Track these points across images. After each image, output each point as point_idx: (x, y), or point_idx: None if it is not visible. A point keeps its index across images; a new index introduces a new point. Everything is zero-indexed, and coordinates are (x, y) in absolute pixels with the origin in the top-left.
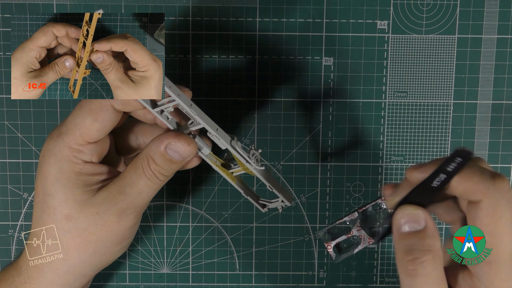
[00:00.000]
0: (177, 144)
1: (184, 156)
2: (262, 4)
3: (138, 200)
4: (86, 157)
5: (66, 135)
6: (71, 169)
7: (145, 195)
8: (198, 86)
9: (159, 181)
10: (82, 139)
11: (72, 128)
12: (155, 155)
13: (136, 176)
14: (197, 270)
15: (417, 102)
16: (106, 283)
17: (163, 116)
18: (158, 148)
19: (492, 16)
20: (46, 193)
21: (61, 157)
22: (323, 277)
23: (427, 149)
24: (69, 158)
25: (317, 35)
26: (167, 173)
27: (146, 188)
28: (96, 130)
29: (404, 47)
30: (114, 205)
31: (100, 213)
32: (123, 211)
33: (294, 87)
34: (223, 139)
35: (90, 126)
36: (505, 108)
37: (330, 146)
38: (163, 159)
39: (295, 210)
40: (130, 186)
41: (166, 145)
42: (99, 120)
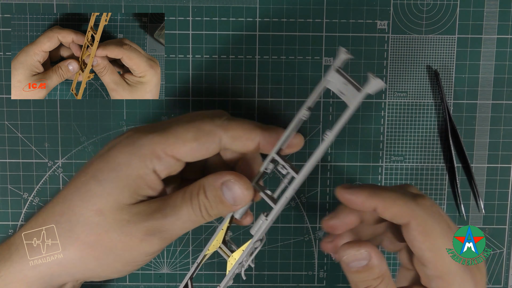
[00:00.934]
0: (236, 185)
1: (236, 201)
2: (262, 4)
3: (172, 226)
4: (159, 167)
5: (159, 135)
6: (137, 169)
7: (181, 225)
8: (198, 86)
9: (201, 217)
10: (171, 150)
11: (168, 133)
12: (209, 187)
13: (181, 201)
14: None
15: (417, 102)
16: (106, 283)
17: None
18: (214, 181)
19: (492, 16)
20: (96, 177)
21: (138, 152)
22: (323, 277)
23: (427, 149)
24: (145, 157)
25: (317, 35)
26: (212, 212)
27: (186, 217)
28: (190, 149)
29: (404, 47)
30: (147, 222)
31: (130, 222)
32: (152, 232)
33: (294, 87)
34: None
35: (187, 142)
36: (505, 108)
37: (330, 146)
38: (215, 194)
39: (295, 210)
40: (172, 209)
41: (225, 181)
42: (200, 142)
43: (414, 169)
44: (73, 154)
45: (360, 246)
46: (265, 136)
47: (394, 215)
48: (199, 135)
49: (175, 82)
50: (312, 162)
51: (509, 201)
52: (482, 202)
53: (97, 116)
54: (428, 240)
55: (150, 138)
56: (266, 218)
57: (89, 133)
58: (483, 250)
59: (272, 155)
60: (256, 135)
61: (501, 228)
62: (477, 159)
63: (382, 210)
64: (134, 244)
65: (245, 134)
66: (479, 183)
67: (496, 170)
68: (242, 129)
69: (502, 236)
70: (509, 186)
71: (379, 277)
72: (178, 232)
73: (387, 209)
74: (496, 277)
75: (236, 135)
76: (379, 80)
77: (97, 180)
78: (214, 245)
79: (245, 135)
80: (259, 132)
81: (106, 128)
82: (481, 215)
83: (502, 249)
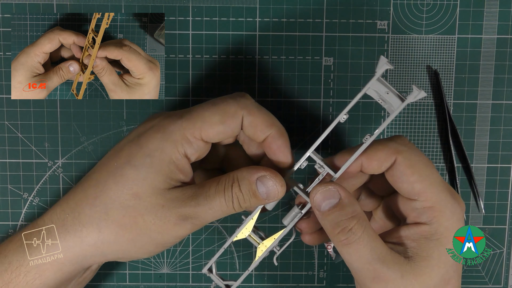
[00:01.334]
0: (271, 181)
1: (270, 196)
2: (262, 4)
3: (204, 214)
4: (190, 151)
5: (187, 120)
6: (170, 154)
7: (213, 214)
8: (198, 86)
9: (232, 208)
10: (199, 133)
11: (196, 118)
12: (243, 180)
13: (215, 192)
14: (197, 270)
15: (417, 102)
16: (106, 283)
17: None
18: (250, 176)
19: (492, 16)
20: (130, 162)
21: (169, 138)
22: (323, 277)
23: (427, 149)
24: (176, 143)
25: (317, 35)
26: (244, 205)
27: (218, 207)
28: (217, 131)
29: (404, 47)
30: (181, 208)
31: (165, 207)
32: (185, 217)
33: (294, 87)
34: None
35: (214, 125)
36: (505, 108)
37: (330, 146)
38: (249, 188)
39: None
40: (205, 198)
41: (260, 177)
42: (226, 124)
43: None
44: (73, 154)
45: (328, 184)
46: (274, 137)
47: (380, 160)
48: (224, 117)
49: (175, 82)
50: (350, 162)
51: (509, 201)
52: (482, 202)
53: (97, 116)
54: (417, 172)
55: (179, 124)
56: (301, 211)
57: (89, 133)
58: (483, 250)
59: (309, 153)
60: (269, 131)
61: (501, 228)
62: (477, 159)
63: (368, 163)
64: (168, 228)
65: (262, 125)
66: (479, 183)
67: (496, 170)
68: (261, 119)
69: (502, 236)
70: (509, 186)
71: (353, 217)
72: (209, 219)
73: (372, 160)
74: (496, 277)
75: (254, 122)
76: (422, 92)
77: (132, 165)
78: (243, 232)
79: (261, 126)
80: (273, 130)
81: (106, 128)
82: (481, 215)
83: (502, 249)
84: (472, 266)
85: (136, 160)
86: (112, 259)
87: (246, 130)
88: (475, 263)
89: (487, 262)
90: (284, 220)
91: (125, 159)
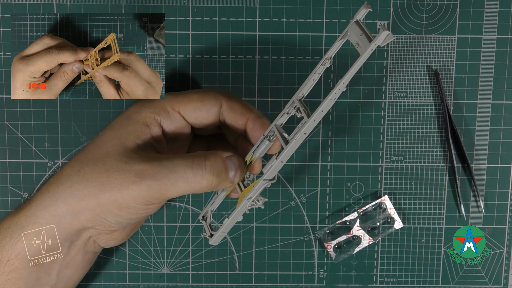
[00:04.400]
0: (237, 158)
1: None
2: (262, 4)
3: (163, 177)
4: (166, 122)
5: (169, 95)
6: (145, 116)
7: (174, 180)
8: (198, 86)
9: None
10: (178, 106)
11: (178, 93)
12: (215, 155)
13: (182, 159)
14: (197, 270)
15: (417, 102)
16: (106, 283)
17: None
18: (221, 153)
19: (492, 16)
20: (111, 127)
21: (150, 105)
22: (323, 277)
23: (427, 149)
24: (154, 109)
25: (317, 35)
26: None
27: (182, 173)
28: (194, 107)
29: (404, 47)
30: (141, 164)
31: (127, 164)
32: (143, 175)
33: (294, 87)
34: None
35: (193, 101)
36: (505, 108)
37: (330, 146)
38: (222, 162)
39: (295, 210)
40: (168, 160)
41: (229, 156)
42: (203, 103)
43: (414, 169)
44: (73, 154)
45: None
46: (253, 119)
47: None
48: (203, 97)
49: (175, 82)
50: (323, 108)
51: (509, 201)
52: (482, 202)
53: (97, 116)
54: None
55: (162, 99)
56: (276, 158)
57: (89, 133)
58: (483, 250)
59: (293, 99)
60: (248, 114)
61: (501, 228)
62: (477, 159)
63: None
64: (125, 183)
65: (240, 108)
66: (479, 183)
67: (496, 170)
68: (239, 104)
69: (502, 236)
70: (509, 186)
71: None
72: (169, 188)
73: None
74: (496, 277)
75: (234, 107)
76: (388, 33)
77: (111, 129)
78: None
79: (240, 109)
80: (252, 113)
81: None
82: (481, 215)
83: (502, 249)
84: (472, 266)
85: (116, 124)
86: (84, 223)
87: (226, 116)
88: (475, 263)
89: (487, 262)
90: (263, 169)
91: (108, 127)
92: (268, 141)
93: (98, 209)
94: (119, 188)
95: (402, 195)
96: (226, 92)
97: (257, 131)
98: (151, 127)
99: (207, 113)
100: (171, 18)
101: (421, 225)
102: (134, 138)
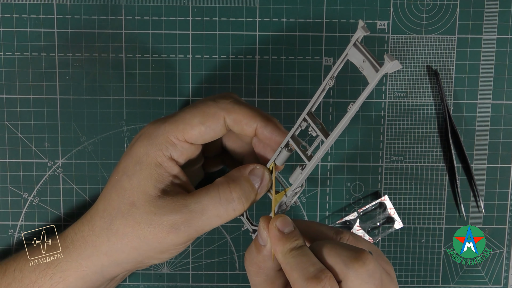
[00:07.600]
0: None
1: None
2: (262, 4)
3: (197, 222)
4: (175, 153)
5: (170, 124)
6: (155, 157)
7: (207, 220)
8: (198, 86)
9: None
10: (182, 135)
11: (178, 120)
12: (239, 179)
13: (207, 195)
14: (197, 270)
15: (417, 102)
16: None
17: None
18: (244, 170)
19: (492, 16)
20: (125, 173)
21: (154, 142)
22: None
23: (427, 149)
24: (161, 146)
25: (317, 35)
26: (247, 198)
27: (213, 211)
28: (198, 132)
29: (404, 47)
30: (171, 215)
31: (157, 215)
32: (177, 226)
33: (294, 87)
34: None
35: (195, 126)
36: (505, 108)
37: (330, 146)
38: (246, 182)
39: (295, 210)
40: (196, 203)
41: (251, 170)
42: (207, 125)
43: (414, 169)
44: (73, 154)
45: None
46: (262, 126)
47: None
48: (204, 118)
49: (175, 82)
50: (338, 129)
51: (509, 201)
52: (482, 202)
53: (97, 116)
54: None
55: (163, 128)
56: (301, 172)
57: (89, 133)
58: (483, 250)
59: (304, 115)
60: (254, 123)
61: (501, 228)
62: (477, 159)
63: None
64: (162, 235)
65: (245, 119)
66: (479, 183)
67: (496, 170)
68: (243, 114)
69: (502, 236)
70: (509, 186)
71: None
72: (204, 227)
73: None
74: (496, 277)
75: (237, 119)
76: (396, 62)
77: (127, 175)
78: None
79: (244, 120)
80: (258, 120)
81: (106, 128)
82: (481, 215)
83: (502, 249)
84: (472, 266)
85: (129, 169)
86: (129, 269)
87: (233, 129)
88: (475, 263)
89: (487, 262)
90: (290, 179)
91: (122, 172)
92: (287, 151)
93: (141, 258)
94: (157, 239)
95: (402, 195)
96: (225, 102)
97: (268, 139)
98: (164, 165)
99: (213, 132)
100: (171, 18)
101: (421, 225)
102: (153, 182)
